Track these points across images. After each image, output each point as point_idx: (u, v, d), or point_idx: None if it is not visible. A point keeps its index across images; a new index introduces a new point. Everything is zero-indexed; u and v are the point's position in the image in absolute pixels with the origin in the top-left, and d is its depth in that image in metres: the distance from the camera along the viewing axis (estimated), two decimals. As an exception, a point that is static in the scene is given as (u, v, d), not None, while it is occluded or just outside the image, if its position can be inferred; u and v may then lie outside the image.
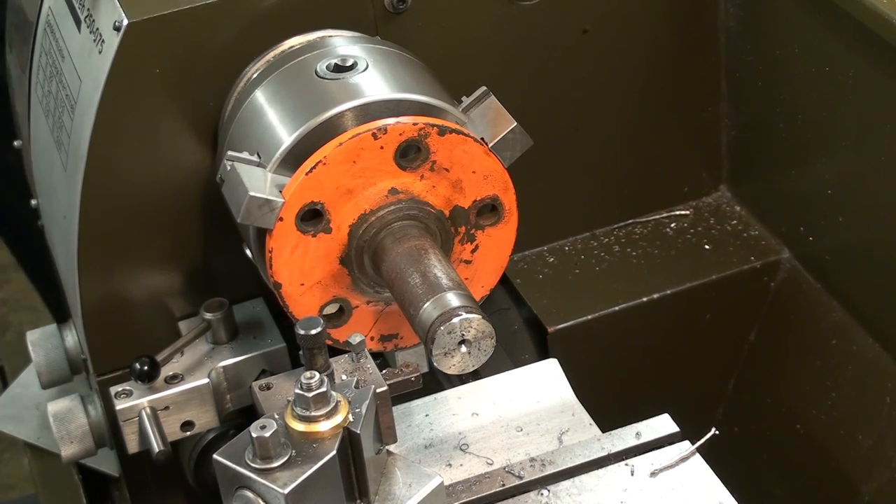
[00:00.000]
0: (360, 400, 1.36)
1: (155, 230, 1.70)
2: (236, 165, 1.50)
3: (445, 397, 1.67)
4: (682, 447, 1.54)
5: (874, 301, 1.85)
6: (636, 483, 1.51)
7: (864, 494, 1.87)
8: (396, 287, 1.48)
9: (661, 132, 2.01)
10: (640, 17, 1.90)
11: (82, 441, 1.78)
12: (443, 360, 1.42)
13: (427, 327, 1.41)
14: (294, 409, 1.33)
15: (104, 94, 1.59)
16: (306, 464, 1.30)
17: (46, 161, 1.82)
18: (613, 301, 1.93)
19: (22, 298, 3.89)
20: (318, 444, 1.32)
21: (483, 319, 1.41)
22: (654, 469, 1.52)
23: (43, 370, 1.92)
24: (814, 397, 1.94)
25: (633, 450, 1.54)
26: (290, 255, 1.51)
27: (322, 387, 1.32)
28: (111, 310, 1.73)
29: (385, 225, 1.52)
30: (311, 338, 1.35)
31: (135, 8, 1.58)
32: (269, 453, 1.30)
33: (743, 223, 2.05)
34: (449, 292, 1.43)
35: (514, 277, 1.98)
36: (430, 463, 1.57)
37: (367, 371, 1.47)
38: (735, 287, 1.99)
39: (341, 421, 1.33)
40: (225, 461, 1.32)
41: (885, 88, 1.71)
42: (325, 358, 1.36)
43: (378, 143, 1.49)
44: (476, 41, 1.81)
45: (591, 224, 2.05)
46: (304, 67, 1.60)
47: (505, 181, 1.57)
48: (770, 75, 1.92)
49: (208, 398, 1.69)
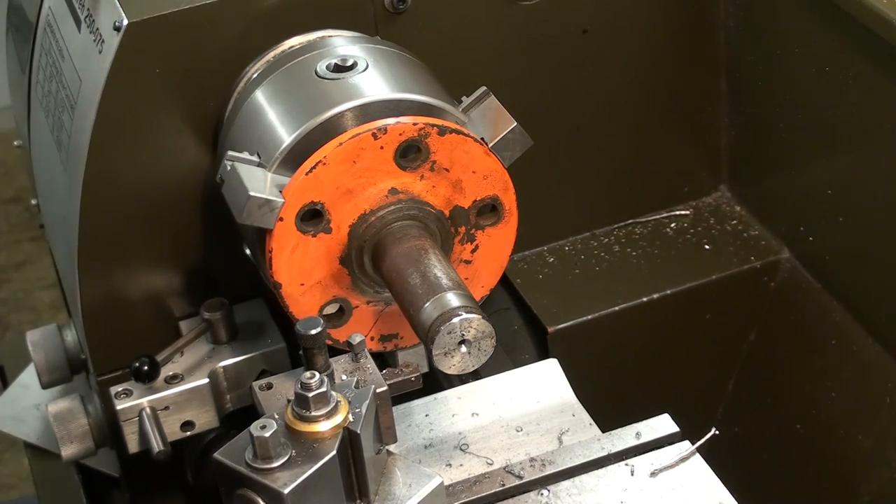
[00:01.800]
0: (360, 400, 1.36)
1: (155, 230, 1.70)
2: (236, 165, 1.50)
3: (445, 397, 1.67)
4: (682, 447, 1.54)
5: (874, 301, 1.85)
6: (636, 483, 1.51)
7: (864, 494, 1.87)
8: (396, 287, 1.48)
9: (661, 132, 2.01)
10: (639, 18, 1.90)
11: (82, 441, 1.78)
12: (443, 360, 1.42)
13: (427, 327, 1.41)
14: (294, 408, 1.33)
15: (104, 94, 1.59)
16: (306, 464, 1.30)
17: (46, 161, 1.82)
18: (613, 301, 1.93)
19: (22, 298, 3.89)
20: (318, 444, 1.32)
21: (483, 319, 1.41)
22: (654, 469, 1.52)
23: (43, 370, 1.92)
24: (814, 397, 1.94)
25: (633, 450, 1.54)
26: (290, 255, 1.51)
27: (322, 387, 1.32)
28: (111, 310, 1.73)
29: (385, 225, 1.52)
30: (311, 338, 1.35)
31: (135, 8, 1.58)
32: (269, 453, 1.30)
33: (743, 223, 2.05)
34: (449, 292, 1.43)
35: (514, 277, 1.98)
36: (430, 463, 1.57)
37: (367, 371, 1.47)
38: (735, 287, 1.99)
39: (341, 421, 1.33)
40: (225, 461, 1.32)
41: (885, 88, 1.71)
42: (325, 358, 1.36)
43: (378, 143, 1.49)
44: (476, 41, 1.81)
45: (591, 224, 2.05)
46: (304, 67, 1.60)
47: (505, 181, 1.57)
48: (770, 75, 1.92)
49: (208, 398, 1.69)
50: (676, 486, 1.50)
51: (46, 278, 3.84)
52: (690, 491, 1.49)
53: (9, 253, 4.08)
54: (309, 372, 1.32)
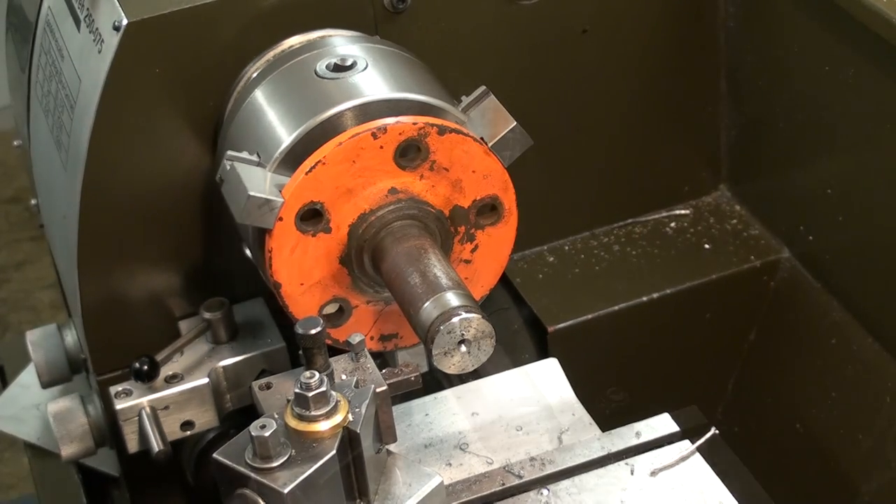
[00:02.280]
0: (359, 399, 1.36)
1: (155, 230, 1.70)
2: (236, 165, 1.50)
3: (445, 397, 1.67)
4: (681, 447, 1.54)
5: (874, 301, 1.85)
6: (636, 482, 1.51)
7: (864, 494, 1.87)
8: (396, 287, 1.48)
9: (661, 132, 2.01)
10: (639, 17, 1.90)
11: (82, 441, 1.78)
12: (443, 360, 1.42)
13: (427, 327, 1.41)
14: (294, 408, 1.33)
15: (104, 94, 1.59)
16: (306, 463, 1.30)
17: (46, 161, 1.82)
18: (613, 300, 1.93)
19: (22, 298, 3.89)
20: (317, 444, 1.32)
21: (483, 319, 1.41)
22: (654, 469, 1.52)
23: (43, 370, 1.92)
24: (814, 397, 1.94)
25: (633, 449, 1.54)
26: (290, 255, 1.51)
27: (322, 386, 1.32)
28: (111, 310, 1.73)
29: (385, 224, 1.52)
30: (310, 337, 1.35)
31: (134, 7, 1.58)
32: (269, 453, 1.30)
33: (743, 222, 2.05)
34: (448, 292, 1.43)
35: (514, 277, 1.98)
36: (430, 462, 1.57)
37: (367, 371, 1.47)
38: (735, 286, 1.99)
39: (341, 420, 1.33)
40: (225, 460, 1.32)
41: (885, 88, 1.71)
42: (324, 358, 1.36)
43: (378, 143, 1.49)
44: (476, 41, 1.81)
45: (591, 224, 2.05)
46: (303, 67, 1.60)
47: (505, 181, 1.57)
48: (770, 75, 1.92)
49: (208, 398, 1.69)
50: (676, 486, 1.50)
51: (46, 278, 3.84)
52: (690, 490, 1.49)
53: (8, 253, 4.08)
54: (309, 371, 1.32)
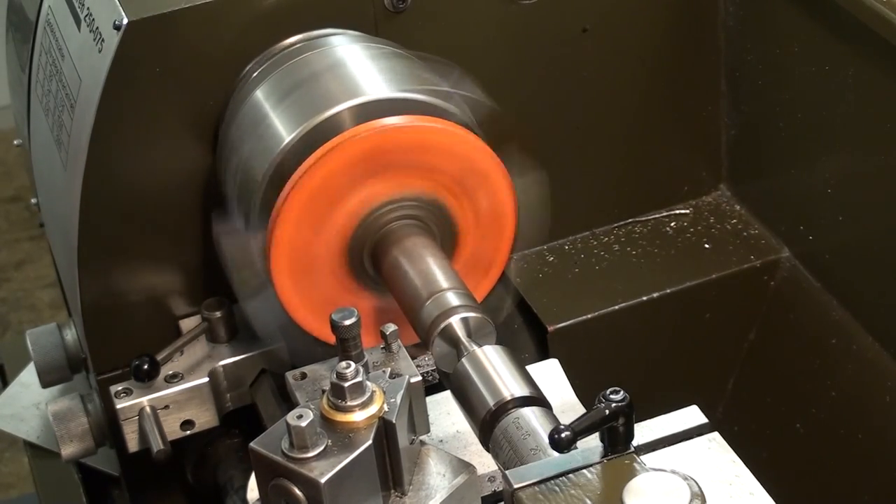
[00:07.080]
0: (394, 390, 1.35)
1: (155, 229, 1.70)
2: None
3: (445, 397, 1.67)
4: (711, 438, 1.51)
5: (874, 301, 1.85)
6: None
7: (864, 494, 1.87)
8: (396, 287, 1.48)
9: (660, 131, 2.01)
10: (639, 17, 1.90)
11: (82, 440, 1.78)
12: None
13: (427, 326, 1.41)
14: (330, 398, 1.31)
15: (104, 94, 1.59)
16: (342, 453, 1.28)
17: (46, 160, 1.82)
18: (613, 300, 1.93)
19: (22, 298, 3.89)
20: (353, 434, 1.30)
21: (483, 318, 1.41)
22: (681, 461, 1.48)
23: (43, 369, 1.92)
24: (814, 397, 1.94)
25: (659, 441, 1.52)
26: (290, 255, 1.51)
27: (358, 377, 1.30)
28: (111, 309, 1.73)
29: (385, 224, 1.52)
30: (346, 328, 1.34)
31: (135, 7, 1.58)
32: (306, 443, 1.28)
33: (743, 222, 2.05)
34: (449, 291, 1.43)
35: (514, 277, 1.97)
36: (430, 462, 1.57)
37: (400, 361, 1.46)
38: (735, 286, 1.98)
39: (377, 411, 1.31)
40: (261, 450, 1.30)
41: (885, 88, 1.71)
42: (359, 348, 1.35)
43: (378, 143, 1.49)
44: (476, 40, 1.81)
45: (590, 223, 2.05)
46: (303, 66, 1.60)
47: (505, 180, 1.57)
48: (770, 75, 1.92)
49: (208, 397, 1.69)
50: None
51: (46, 277, 3.84)
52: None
53: (8, 252, 4.08)
54: (345, 362, 1.31)
